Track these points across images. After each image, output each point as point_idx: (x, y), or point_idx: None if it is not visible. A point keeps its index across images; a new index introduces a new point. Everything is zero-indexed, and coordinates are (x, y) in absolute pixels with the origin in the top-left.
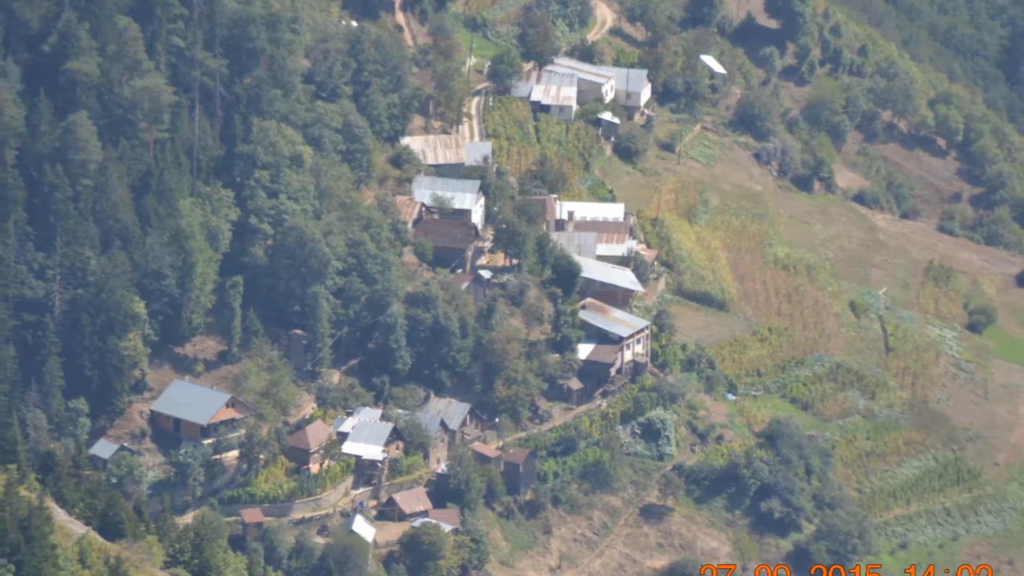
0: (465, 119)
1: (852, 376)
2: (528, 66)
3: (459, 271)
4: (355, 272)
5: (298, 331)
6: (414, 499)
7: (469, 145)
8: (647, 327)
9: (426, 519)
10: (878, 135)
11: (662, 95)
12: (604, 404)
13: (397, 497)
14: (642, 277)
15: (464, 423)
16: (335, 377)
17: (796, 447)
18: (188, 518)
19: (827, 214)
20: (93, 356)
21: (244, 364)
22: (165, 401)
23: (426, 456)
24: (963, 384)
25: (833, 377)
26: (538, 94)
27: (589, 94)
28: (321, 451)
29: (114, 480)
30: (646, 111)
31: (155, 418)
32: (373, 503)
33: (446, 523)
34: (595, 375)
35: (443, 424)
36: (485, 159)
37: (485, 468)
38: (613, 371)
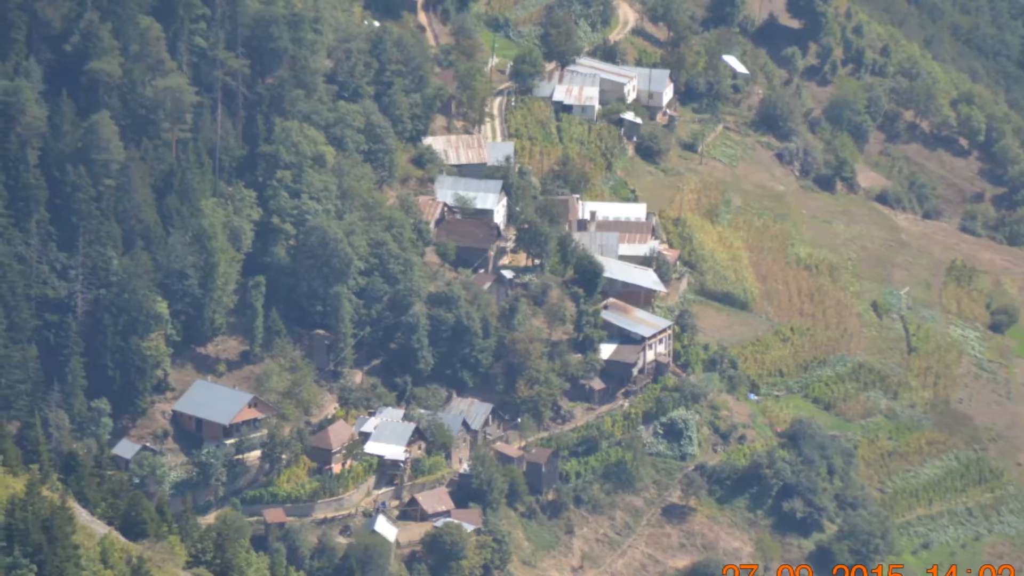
0: (487, 119)
1: (874, 376)
2: (550, 66)
3: (481, 271)
4: (377, 272)
5: (320, 331)
6: (436, 499)
7: (491, 145)
8: (669, 327)
9: (448, 519)
10: (900, 135)
11: (684, 95)
12: (626, 404)
13: (419, 497)
14: (664, 277)
15: (486, 423)
16: (357, 377)
17: (818, 447)
18: (210, 518)
19: (849, 214)
20: (115, 356)
21: (266, 364)
22: (187, 401)
23: (448, 456)
24: (985, 384)
25: (855, 377)
26: (560, 94)
27: (611, 94)
28: (343, 451)
29: (136, 480)
30: (668, 111)
31: (177, 418)
32: (395, 503)
33: (468, 523)
34: (617, 375)
35: (465, 424)
36: (507, 159)
37: (507, 468)
38: (635, 371)
